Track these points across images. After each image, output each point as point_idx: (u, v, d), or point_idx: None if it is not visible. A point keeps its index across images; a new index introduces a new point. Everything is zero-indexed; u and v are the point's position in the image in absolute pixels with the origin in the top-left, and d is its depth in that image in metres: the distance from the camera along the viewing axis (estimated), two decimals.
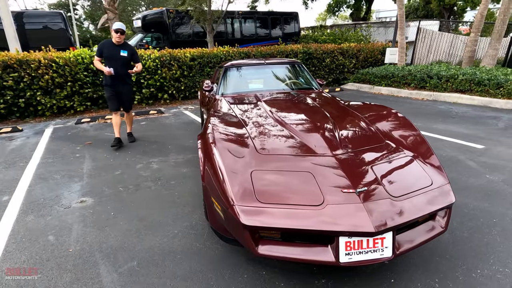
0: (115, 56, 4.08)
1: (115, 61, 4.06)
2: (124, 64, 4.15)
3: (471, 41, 9.17)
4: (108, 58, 4.10)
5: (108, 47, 4.12)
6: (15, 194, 3.03)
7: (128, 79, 4.35)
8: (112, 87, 4.22)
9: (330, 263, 1.61)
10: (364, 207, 1.62)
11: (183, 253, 2.13)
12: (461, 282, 1.83)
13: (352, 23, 15.70)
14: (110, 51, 4.10)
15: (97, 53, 4.16)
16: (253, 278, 1.90)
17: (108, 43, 4.15)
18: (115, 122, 4.40)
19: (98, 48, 4.16)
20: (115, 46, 4.12)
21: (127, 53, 4.15)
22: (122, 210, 2.70)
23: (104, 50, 4.11)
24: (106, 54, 4.10)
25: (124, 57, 4.13)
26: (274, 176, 1.87)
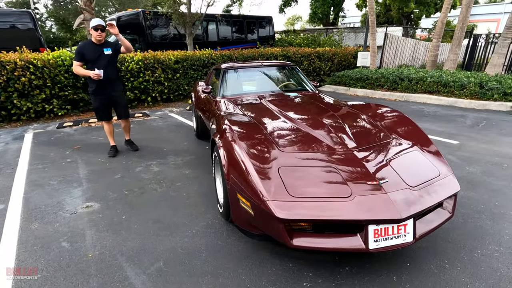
0: (99, 57, 3.57)
1: (100, 63, 3.56)
2: (111, 64, 3.70)
3: (434, 47, 9.87)
4: (92, 61, 3.56)
5: (89, 49, 3.56)
6: (11, 202, 2.86)
7: (119, 82, 3.91)
8: (102, 93, 3.73)
9: (361, 249, 1.73)
10: (389, 197, 1.76)
11: (207, 251, 2.15)
12: (466, 261, 2.03)
13: (324, 28, 16.26)
14: (92, 53, 3.56)
15: (77, 57, 3.56)
16: (282, 270, 1.97)
17: (88, 44, 3.60)
18: (108, 130, 4.03)
19: (77, 52, 3.56)
20: (97, 46, 3.59)
21: (111, 50, 3.67)
22: (133, 213, 2.65)
23: (85, 53, 3.54)
24: (89, 57, 3.56)
25: (109, 56, 3.65)
26: (301, 171, 1.95)
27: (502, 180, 3.21)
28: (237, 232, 2.35)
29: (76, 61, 3.60)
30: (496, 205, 2.73)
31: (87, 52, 3.57)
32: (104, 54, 3.63)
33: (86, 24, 7.62)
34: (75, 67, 3.62)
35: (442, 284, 1.84)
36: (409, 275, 1.91)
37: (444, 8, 9.55)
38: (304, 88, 3.78)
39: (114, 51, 3.72)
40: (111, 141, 4.12)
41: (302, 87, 3.80)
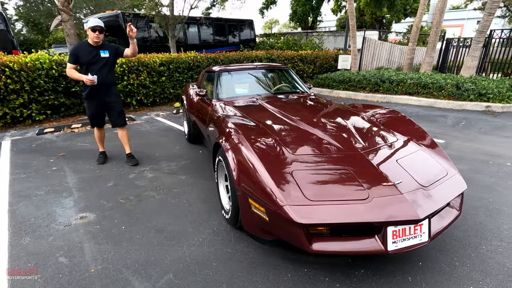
0: (96, 60, 3.30)
1: (96, 67, 3.31)
2: (108, 68, 3.41)
3: (410, 50, 10.23)
4: (87, 63, 3.29)
5: (84, 51, 3.29)
6: None
7: (114, 88, 3.61)
8: (96, 98, 3.46)
9: (380, 251, 1.70)
10: (406, 197, 1.75)
11: (217, 260, 2.06)
12: (474, 258, 2.06)
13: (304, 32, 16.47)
14: (88, 55, 3.28)
15: (71, 59, 3.28)
16: (297, 276, 1.91)
17: (84, 46, 3.32)
18: (99, 137, 3.78)
19: (71, 53, 3.30)
20: (93, 48, 3.32)
21: (109, 53, 3.40)
22: (133, 223, 2.50)
23: (81, 55, 3.27)
24: (84, 60, 3.28)
25: (106, 59, 3.37)
26: (315, 174, 1.91)
27: (490, 177, 3.32)
28: (245, 239, 2.27)
29: (70, 63, 3.31)
30: (490, 201, 2.81)
31: (82, 54, 3.29)
32: (101, 56, 3.35)
33: (64, 25, 7.26)
34: (68, 70, 3.32)
35: (455, 282, 1.85)
36: (423, 274, 1.92)
37: (419, 14, 9.91)
38: (300, 90, 3.76)
39: (113, 54, 3.45)
40: (100, 147, 3.88)
41: (297, 89, 3.78)
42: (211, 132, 3.00)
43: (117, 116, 3.64)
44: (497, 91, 6.54)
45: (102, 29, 3.27)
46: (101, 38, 3.31)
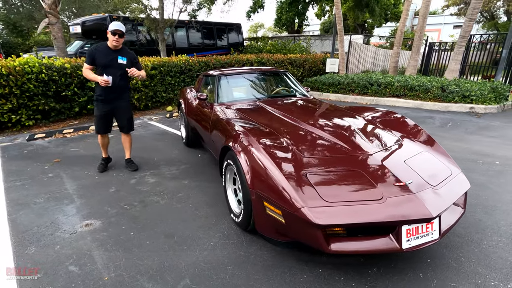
0: (112, 64, 3.25)
1: (111, 70, 3.24)
2: (123, 74, 3.33)
3: (395, 53, 10.52)
4: (103, 66, 3.24)
5: (102, 53, 3.24)
6: None
7: (126, 93, 3.53)
8: (106, 102, 3.38)
9: (395, 250, 1.75)
10: (418, 197, 1.81)
11: (232, 263, 2.06)
12: (478, 253, 2.14)
13: (292, 35, 16.65)
14: (105, 58, 3.23)
15: (88, 60, 3.26)
16: (313, 277, 1.94)
17: (102, 48, 3.27)
18: (102, 143, 3.62)
19: (88, 54, 3.27)
20: (112, 51, 3.27)
21: (126, 60, 3.32)
22: (140, 229, 2.46)
23: (98, 56, 3.23)
24: (101, 61, 3.23)
25: (123, 65, 3.30)
26: (329, 176, 1.94)
27: (482, 175, 3.46)
28: (257, 242, 2.28)
29: (86, 64, 3.28)
30: (485, 198, 2.93)
31: (98, 56, 3.26)
32: (118, 62, 3.29)
33: (51, 28, 7.06)
34: (85, 70, 3.30)
35: (464, 277, 1.92)
36: (433, 271, 1.98)
37: (402, 19, 10.21)
38: (299, 94, 3.81)
39: (131, 63, 3.38)
40: (103, 153, 3.74)
41: (297, 93, 3.82)
42: (216, 136, 2.99)
43: (126, 121, 3.57)
44: (479, 93, 6.83)
45: (123, 34, 3.24)
46: (120, 42, 3.27)
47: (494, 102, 6.92)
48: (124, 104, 3.53)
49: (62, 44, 7.31)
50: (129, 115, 3.60)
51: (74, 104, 5.92)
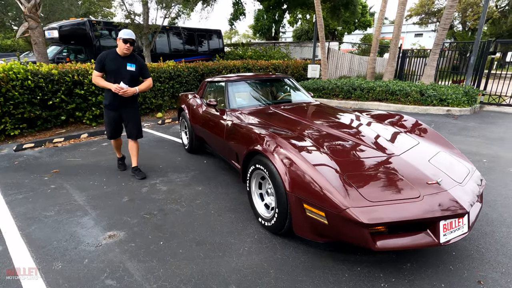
0: (121, 71, 3.24)
1: (121, 77, 3.24)
2: (132, 80, 3.32)
3: (372, 59, 11.04)
4: (112, 72, 3.24)
5: (111, 59, 3.22)
6: (9, 242, 2.35)
7: (135, 100, 3.54)
8: (115, 109, 3.39)
9: (434, 244, 1.85)
10: (451, 193, 1.93)
11: (272, 267, 2.07)
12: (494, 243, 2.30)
13: (272, 42, 16.90)
14: (114, 64, 3.22)
15: (97, 67, 3.22)
16: (354, 275, 1.99)
17: (112, 55, 3.24)
18: (116, 145, 3.74)
19: (98, 61, 3.23)
20: (121, 58, 3.25)
21: (135, 67, 3.32)
22: (169, 238, 2.40)
23: (107, 63, 3.21)
24: (110, 68, 3.22)
25: (132, 72, 3.30)
26: (366, 177, 2.02)
27: None
28: (290, 244, 2.30)
29: (96, 71, 3.25)
30: (484, 194, 3.15)
31: (108, 62, 3.22)
32: (127, 69, 3.28)
33: (31, 33, 6.67)
34: (95, 77, 3.26)
35: (489, 266, 2.06)
36: (461, 263, 2.11)
37: (377, 27, 10.74)
38: (306, 99, 3.89)
39: (139, 69, 3.38)
40: (118, 154, 3.88)
41: (304, 98, 3.91)
42: (235, 141, 2.98)
43: (135, 127, 3.55)
44: (454, 97, 7.32)
45: (134, 42, 3.23)
46: (131, 50, 3.26)
47: (467, 104, 7.46)
48: (133, 111, 3.52)
49: (43, 50, 6.93)
50: (138, 122, 3.57)
51: (61, 112, 5.63)
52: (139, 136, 3.62)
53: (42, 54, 6.88)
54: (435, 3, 27.18)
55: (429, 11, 27.87)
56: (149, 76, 3.49)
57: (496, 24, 26.88)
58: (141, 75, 3.45)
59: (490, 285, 1.90)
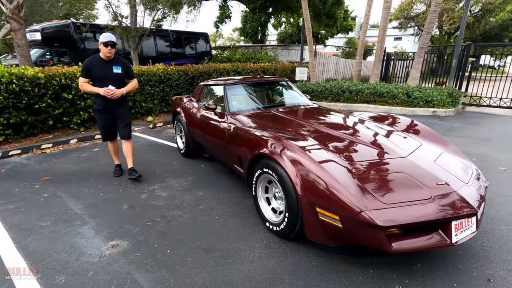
0: (108, 75, 3.29)
1: (109, 81, 3.27)
2: (120, 83, 3.38)
3: (358, 63, 11.24)
4: (99, 77, 3.26)
5: (97, 65, 3.26)
6: (4, 255, 2.21)
7: (125, 101, 3.55)
8: (107, 112, 3.41)
9: (447, 245, 1.86)
10: (460, 194, 1.95)
11: (285, 272, 2.03)
12: (496, 241, 2.35)
13: (259, 45, 16.93)
14: (100, 69, 3.26)
15: (84, 74, 3.24)
16: (368, 278, 1.98)
17: (97, 60, 3.28)
18: (113, 150, 3.75)
19: (84, 67, 3.24)
20: (106, 62, 3.31)
21: (121, 69, 3.39)
22: (175, 246, 2.32)
23: (93, 69, 3.24)
24: (97, 73, 3.25)
25: (119, 75, 3.36)
26: (377, 179, 2.02)
27: None
28: (299, 249, 2.27)
29: (82, 77, 3.27)
30: None
31: (94, 68, 3.26)
32: (113, 72, 3.33)
33: (13, 35, 6.38)
34: (81, 84, 3.28)
35: (496, 264, 2.10)
36: (468, 261, 2.14)
37: (363, 31, 10.95)
38: (305, 101, 3.89)
39: (125, 71, 3.44)
40: (115, 160, 3.82)
41: (303, 101, 3.90)
42: (238, 145, 2.93)
43: (126, 128, 3.56)
44: (439, 98, 7.55)
45: (114, 44, 3.25)
46: (113, 52, 3.29)
47: (451, 106, 7.70)
48: (124, 112, 3.54)
49: (27, 52, 6.64)
50: (128, 121, 3.59)
51: (48, 117, 5.40)
52: (130, 137, 3.63)
53: (25, 57, 6.60)
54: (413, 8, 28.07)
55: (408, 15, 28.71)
56: (134, 77, 3.56)
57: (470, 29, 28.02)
58: (127, 76, 3.49)
59: (499, 282, 1.93)
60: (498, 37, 26.48)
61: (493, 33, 26.40)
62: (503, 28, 26.19)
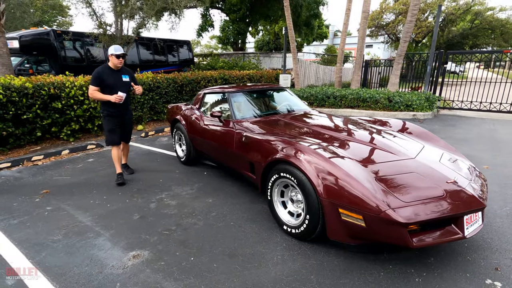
0: (118, 83, 3.55)
1: (118, 88, 3.52)
2: (127, 89, 3.67)
3: (338, 69, 11.65)
4: (111, 86, 3.50)
5: (108, 74, 3.50)
6: (21, 272, 2.11)
7: (130, 107, 3.92)
8: (117, 117, 3.65)
9: (460, 238, 2.00)
10: (468, 190, 2.12)
11: (311, 273, 2.09)
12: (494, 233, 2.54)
13: (240, 52, 17.05)
14: (111, 78, 3.51)
15: (95, 82, 3.44)
16: (389, 273, 2.08)
17: (107, 69, 3.52)
18: (117, 156, 3.74)
19: (95, 76, 3.44)
20: (115, 71, 3.57)
21: (129, 78, 3.69)
22: (197, 253, 2.32)
23: (105, 78, 3.47)
24: (108, 82, 3.49)
25: (127, 82, 3.66)
26: (394, 179, 2.14)
27: None
28: (319, 249, 2.34)
29: (93, 86, 3.46)
30: None
31: (106, 77, 3.50)
32: (123, 80, 3.62)
33: None
34: (92, 91, 3.47)
35: (499, 254, 2.27)
36: (475, 252, 2.30)
37: (342, 39, 11.38)
38: (305, 108, 4.01)
39: (132, 79, 3.75)
40: (118, 168, 3.78)
41: (303, 107, 4.02)
42: (247, 152, 2.97)
43: (129, 132, 3.92)
44: (418, 102, 7.98)
45: (125, 55, 3.61)
46: (122, 63, 3.58)
47: (429, 109, 8.15)
48: (129, 117, 3.88)
49: (8, 61, 6.33)
50: (131, 126, 3.97)
51: (36, 128, 5.17)
52: (130, 140, 4.03)
53: (7, 65, 6.28)
54: (383, 18, 29.42)
55: (378, 24, 30.05)
56: (138, 84, 3.82)
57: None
58: (132, 83, 3.78)
59: (506, 270, 2.10)
60: (460, 45, 28.30)
61: (455, 41, 28.15)
62: (464, 37, 28.04)
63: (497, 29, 26.33)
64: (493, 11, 25.95)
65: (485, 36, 27.83)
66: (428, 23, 26.62)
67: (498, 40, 27.93)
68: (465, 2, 25.27)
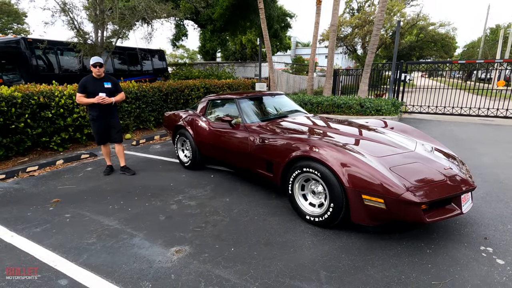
0: (101, 90, 3.94)
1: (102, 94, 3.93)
2: (110, 96, 4.02)
3: (310, 78, 12.35)
4: (93, 93, 3.91)
5: (91, 82, 3.94)
6: (70, 273, 2.14)
7: (115, 111, 4.23)
8: (101, 120, 4.07)
9: (459, 214, 2.41)
10: (462, 175, 2.55)
11: (342, 252, 2.36)
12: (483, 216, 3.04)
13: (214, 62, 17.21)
14: (94, 86, 3.93)
15: (81, 90, 3.91)
16: (403, 248, 2.42)
17: (90, 79, 3.96)
18: (106, 152, 4.37)
19: (81, 85, 3.91)
20: (97, 80, 3.99)
21: (111, 85, 4.07)
22: (234, 244, 2.50)
23: (88, 86, 3.92)
24: (91, 89, 3.92)
25: (109, 89, 4.03)
26: (404, 168, 2.51)
27: None
28: (340, 233, 2.63)
29: (79, 93, 3.92)
30: None
31: (89, 85, 3.93)
32: (105, 87, 4.00)
33: None
34: (78, 98, 3.93)
35: (484, 228, 2.73)
36: (466, 227, 2.74)
37: (313, 50, 12.12)
38: (304, 112, 4.34)
39: (114, 86, 4.11)
40: (107, 161, 4.42)
41: (302, 111, 4.35)
42: (264, 152, 3.20)
43: (116, 133, 4.24)
44: (386, 107, 8.76)
45: (102, 64, 3.95)
46: (102, 71, 3.97)
47: (395, 113, 8.98)
48: (115, 120, 4.21)
49: None
50: (119, 128, 4.27)
51: (24, 138, 4.94)
52: (121, 140, 4.34)
53: None
54: (342, 30, 31.38)
55: (337, 37, 31.96)
56: (122, 91, 4.24)
57: (387, 48, 32.37)
58: (115, 90, 4.13)
59: (493, 239, 2.55)
60: (408, 56, 31.04)
61: (404, 52, 30.80)
62: (411, 49, 30.84)
63: (439, 42, 29.36)
64: (434, 26, 28.91)
65: (429, 48, 30.82)
66: (381, 36, 28.87)
67: (439, 52, 31.13)
68: (412, 18, 27.82)
